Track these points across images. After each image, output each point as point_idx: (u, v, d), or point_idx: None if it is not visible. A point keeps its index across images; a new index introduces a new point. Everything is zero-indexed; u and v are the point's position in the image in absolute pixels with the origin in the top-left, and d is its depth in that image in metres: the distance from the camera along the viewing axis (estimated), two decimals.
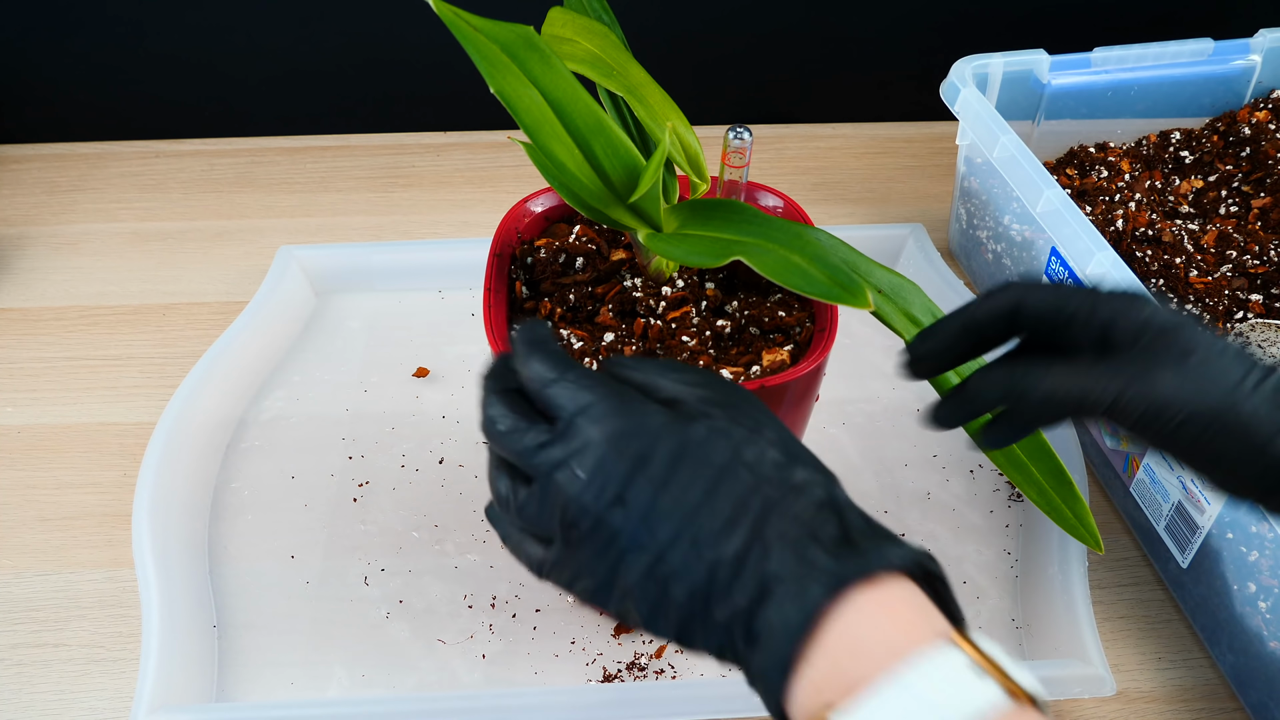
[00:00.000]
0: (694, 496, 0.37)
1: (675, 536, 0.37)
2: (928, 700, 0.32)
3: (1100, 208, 0.87)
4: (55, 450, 0.78)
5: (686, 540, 0.37)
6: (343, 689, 0.65)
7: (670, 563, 0.37)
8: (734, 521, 0.37)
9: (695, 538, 0.37)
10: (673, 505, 0.37)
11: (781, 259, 0.46)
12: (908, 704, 0.32)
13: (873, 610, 0.34)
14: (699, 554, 0.36)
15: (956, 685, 0.32)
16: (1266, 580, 0.60)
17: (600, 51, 0.55)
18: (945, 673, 0.32)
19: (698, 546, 0.36)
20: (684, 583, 0.37)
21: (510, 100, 0.49)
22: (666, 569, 0.37)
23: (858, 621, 0.34)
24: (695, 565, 0.36)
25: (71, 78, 1.03)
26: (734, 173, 0.57)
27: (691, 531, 0.37)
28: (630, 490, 0.37)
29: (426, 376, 0.83)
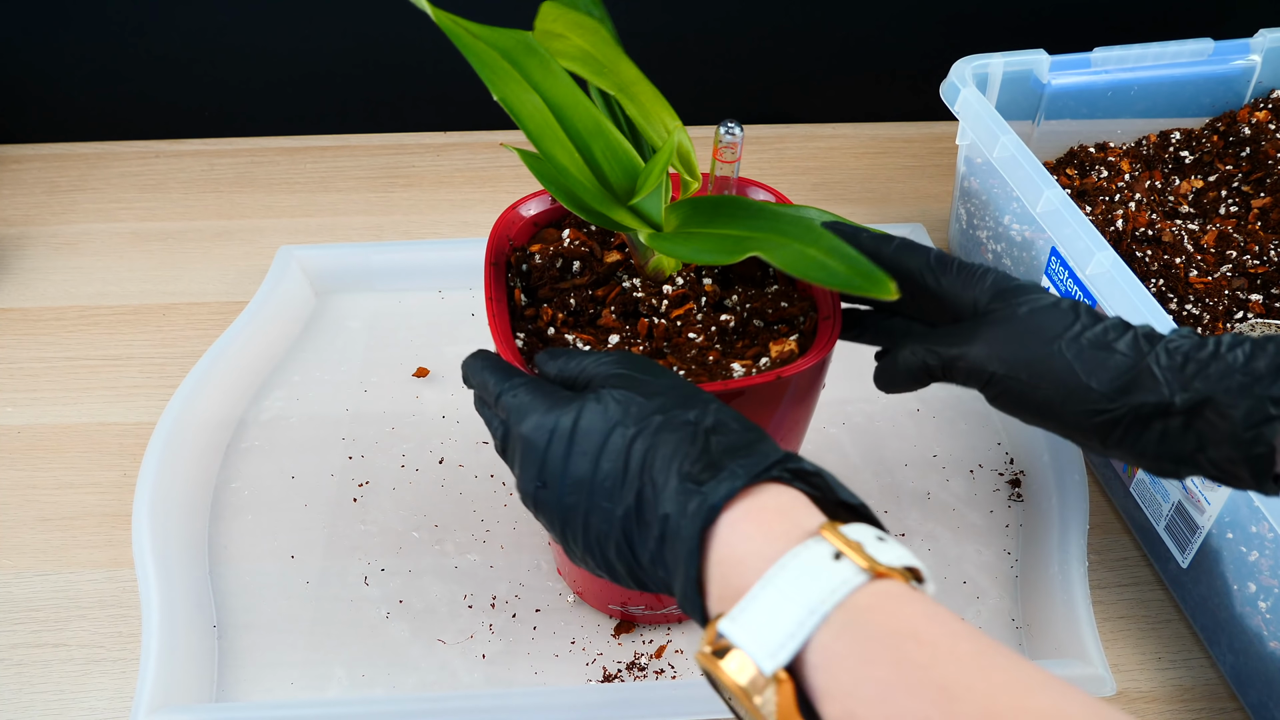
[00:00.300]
0: (587, 464, 0.42)
1: (589, 503, 0.42)
2: (789, 594, 0.35)
3: (1100, 208, 0.87)
4: (55, 450, 0.78)
5: (598, 504, 0.41)
6: (343, 689, 0.65)
7: (594, 527, 0.42)
8: (625, 476, 0.41)
9: (601, 500, 0.41)
10: (577, 475, 0.42)
11: (797, 253, 0.46)
12: (773, 600, 0.35)
13: (743, 525, 0.38)
14: (609, 514, 0.41)
15: (815, 573, 0.35)
16: (1266, 580, 0.60)
17: (591, 48, 0.54)
18: (806, 565, 0.35)
19: (606, 507, 0.41)
20: (610, 541, 0.41)
21: (513, 107, 0.49)
22: (593, 532, 0.42)
23: (730, 539, 0.38)
24: (609, 524, 0.41)
25: (71, 78, 1.03)
26: (725, 168, 0.57)
27: (597, 495, 0.41)
28: (545, 472, 0.43)
29: (426, 376, 0.83)
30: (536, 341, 0.55)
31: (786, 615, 0.34)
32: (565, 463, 0.42)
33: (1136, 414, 0.46)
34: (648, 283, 0.58)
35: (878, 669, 0.32)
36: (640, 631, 0.68)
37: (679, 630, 0.68)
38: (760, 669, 0.34)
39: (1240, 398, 0.43)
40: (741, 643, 0.35)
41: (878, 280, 0.44)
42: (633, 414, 0.42)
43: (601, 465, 0.41)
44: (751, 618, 0.35)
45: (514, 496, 0.75)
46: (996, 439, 0.79)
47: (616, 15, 0.58)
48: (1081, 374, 0.46)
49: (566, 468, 0.42)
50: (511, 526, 0.73)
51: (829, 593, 0.34)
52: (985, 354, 0.48)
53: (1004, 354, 0.48)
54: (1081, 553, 0.68)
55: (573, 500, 0.42)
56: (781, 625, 0.34)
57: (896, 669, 0.32)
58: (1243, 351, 0.45)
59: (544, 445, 0.43)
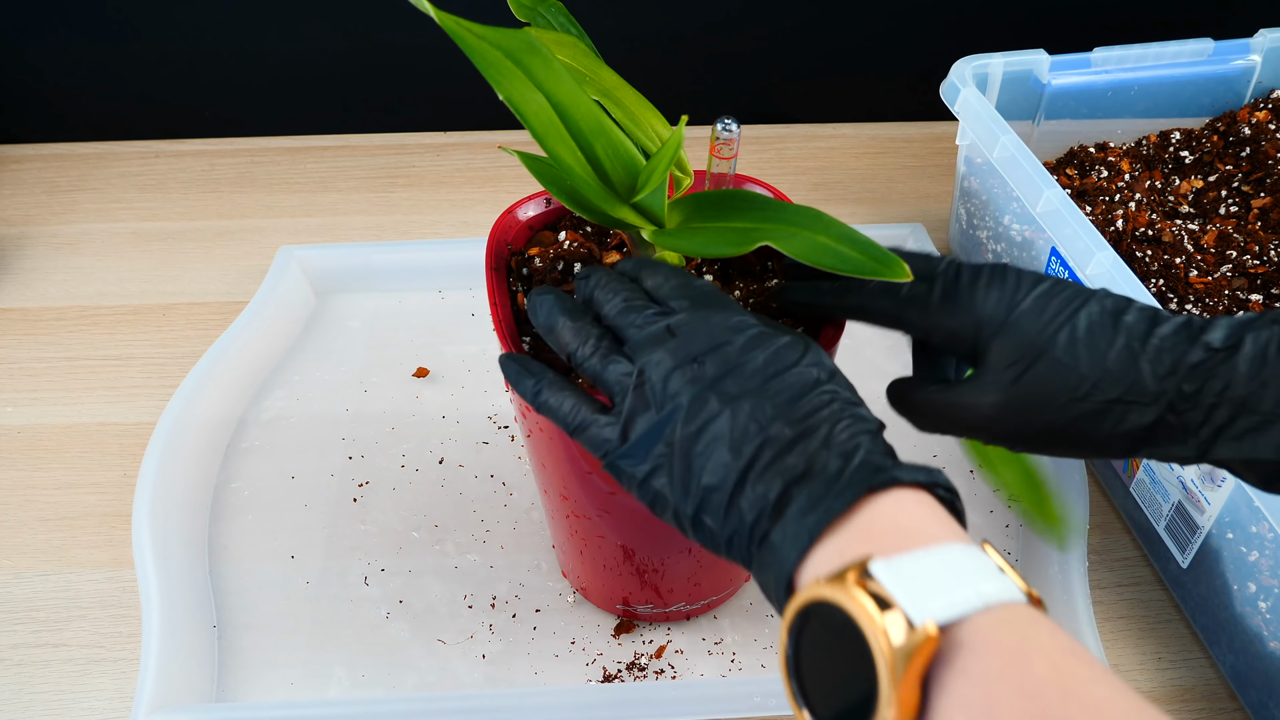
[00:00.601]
0: (775, 366, 0.41)
1: (754, 401, 0.40)
2: (962, 571, 0.33)
3: (1100, 208, 0.87)
4: (55, 450, 0.78)
5: (762, 405, 0.40)
6: (343, 689, 0.65)
7: (739, 423, 0.40)
8: (808, 399, 0.40)
9: (766, 403, 0.40)
10: (757, 370, 0.41)
11: (809, 240, 0.46)
12: (944, 570, 0.33)
13: (910, 505, 0.37)
14: (766, 418, 0.40)
15: (985, 573, 0.34)
16: (1266, 580, 0.60)
17: (573, 61, 0.55)
18: (976, 561, 0.34)
19: (768, 410, 0.40)
20: (748, 442, 0.39)
21: (519, 107, 0.49)
22: (738, 426, 0.40)
23: (895, 510, 0.37)
24: (759, 426, 0.39)
25: (71, 78, 1.03)
26: (722, 164, 0.57)
27: (768, 398, 0.40)
28: (716, 354, 0.42)
29: (426, 376, 0.83)
30: (541, 344, 0.55)
31: (957, 583, 0.33)
32: (749, 354, 0.41)
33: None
34: None
35: (1035, 669, 0.31)
36: (640, 631, 0.68)
37: (679, 630, 0.68)
38: (910, 618, 0.32)
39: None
40: (898, 587, 0.32)
41: (891, 264, 0.44)
42: (826, 365, 0.42)
43: (788, 378, 0.41)
44: (919, 570, 0.33)
45: (514, 497, 0.75)
46: None
47: (617, 15, 0.58)
48: (1099, 429, 0.44)
49: (747, 358, 0.41)
50: (511, 526, 0.73)
51: (1000, 592, 0.33)
52: (1000, 416, 0.45)
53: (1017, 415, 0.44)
54: (1081, 553, 0.68)
55: (733, 389, 0.40)
56: (950, 589, 0.33)
57: (1057, 679, 0.31)
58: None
59: (735, 330, 0.42)
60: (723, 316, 0.43)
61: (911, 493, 0.38)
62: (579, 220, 0.61)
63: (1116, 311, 0.44)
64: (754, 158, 1.06)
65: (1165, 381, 0.42)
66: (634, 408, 0.42)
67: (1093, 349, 0.43)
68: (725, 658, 0.66)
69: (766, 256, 0.60)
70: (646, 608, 0.66)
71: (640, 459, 0.42)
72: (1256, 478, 0.42)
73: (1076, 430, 0.43)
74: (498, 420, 0.80)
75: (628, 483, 0.43)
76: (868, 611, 0.32)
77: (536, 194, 0.61)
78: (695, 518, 0.40)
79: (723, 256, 0.59)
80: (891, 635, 0.31)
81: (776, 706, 0.60)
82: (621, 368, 0.43)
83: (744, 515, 0.39)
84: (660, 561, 0.62)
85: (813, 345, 0.43)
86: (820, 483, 0.38)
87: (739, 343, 0.42)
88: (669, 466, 0.41)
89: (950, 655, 0.32)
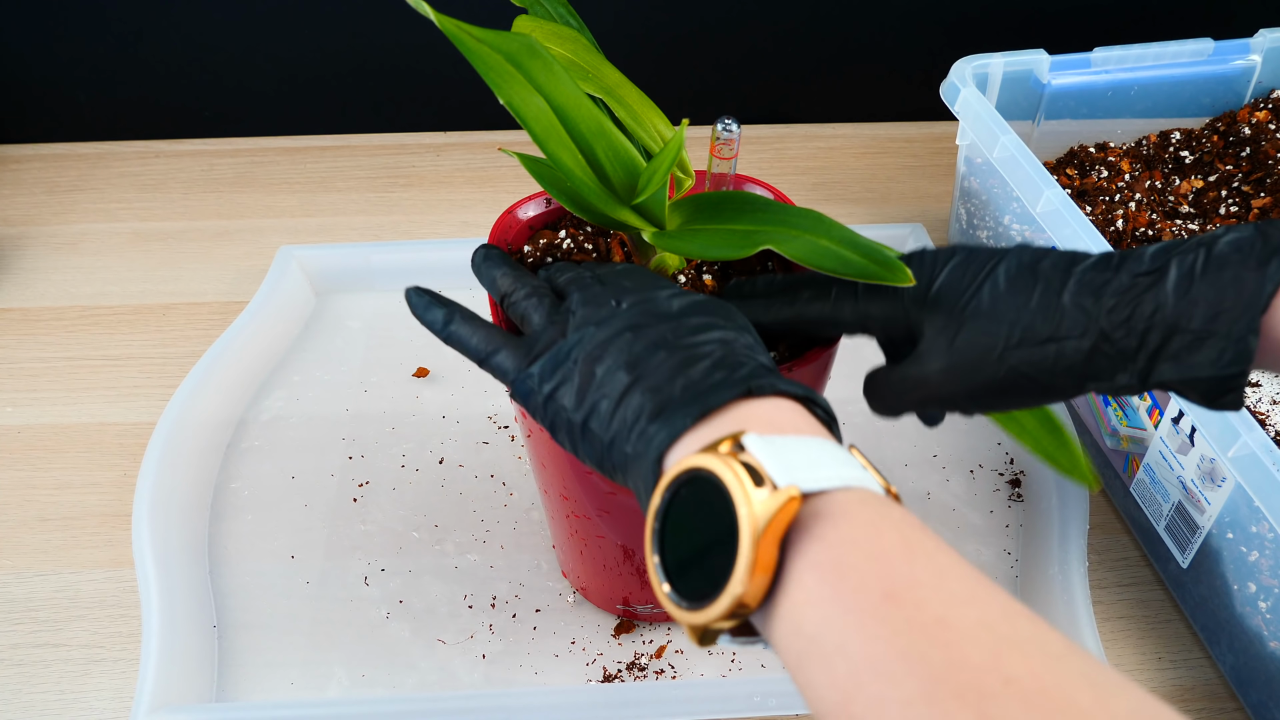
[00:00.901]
0: (669, 302, 0.44)
1: (654, 330, 0.42)
2: (828, 458, 0.35)
3: (1100, 208, 0.87)
4: (55, 450, 0.78)
5: (663, 333, 0.42)
6: (343, 689, 0.65)
7: (637, 348, 0.42)
8: (694, 346, 0.41)
9: (665, 330, 0.42)
10: (657, 306, 0.44)
11: (810, 244, 0.46)
12: (812, 454, 0.35)
13: (787, 410, 0.38)
14: (665, 343, 0.42)
15: (850, 463, 0.36)
16: (1266, 580, 0.60)
17: (573, 55, 0.55)
18: (843, 454, 0.36)
19: (669, 338, 0.42)
20: (650, 359, 0.41)
21: (519, 110, 0.49)
22: (636, 350, 0.42)
23: (772, 411, 0.38)
24: (647, 357, 0.41)
25: (71, 78, 1.03)
26: (722, 165, 0.57)
27: (665, 325, 0.42)
28: (625, 293, 0.45)
29: (426, 376, 0.83)
30: None
31: (822, 464, 0.34)
32: (667, 301, 0.44)
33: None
34: None
35: (885, 536, 0.32)
36: (640, 631, 0.68)
37: (679, 630, 0.68)
38: (776, 484, 0.33)
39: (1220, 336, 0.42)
40: (767, 458, 0.34)
41: (894, 268, 0.44)
42: (741, 324, 0.44)
43: (696, 319, 0.43)
44: (788, 448, 0.35)
45: (514, 497, 0.75)
46: (996, 439, 0.79)
47: (617, 15, 0.58)
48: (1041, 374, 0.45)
49: (663, 304, 0.43)
50: (511, 526, 0.73)
51: (860, 479, 0.35)
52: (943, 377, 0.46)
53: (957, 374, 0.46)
54: (1081, 553, 0.68)
55: (642, 321, 0.43)
56: (816, 467, 0.34)
57: (904, 546, 0.32)
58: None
59: (660, 285, 0.45)
60: (653, 278, 0.46)
61: (789, 403, 0.39)
62: (579, 220, 0.61)
63: (1034, 260, 0.45)
64: (754, 158, 1.06)
65: (1092, 310, 0.43)
66: (550, 332, 0.44)
67: (1015, 297, 0.44)
68: (725, 658, 0.66)
69: (766, 258, 0.60)
70: (646, 608, 0.66)
71: (546, 377, 0.43)
72: (1200, 396, 0.43)
73: (1020, 377, 0.44)
74: (498, 420, 0.80)
75: (532, 404, 0.44)
76: (737, 475, 0.33)
77: (536, 194, 0.61)
78: (584, 425, 0.42)
79: (720, 260, 0.59)
80: (756, 497, 0.33)
81: (776, 706, 0.60)
82: (547, 302, 0.46)
83: (626, 418, 0.40)
84: None
85: (734, 310, 0.45)
86: (703, 386, 0.39)
87: (661, 293, 0.44)
88: (571, 380, 0.42)
89: (808, 523, 0.33)
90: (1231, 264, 0.41)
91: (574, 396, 0.42)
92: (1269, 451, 0.57)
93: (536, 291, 0.47)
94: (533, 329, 0.46)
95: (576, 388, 0.42)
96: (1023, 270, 0.45)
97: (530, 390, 0.44)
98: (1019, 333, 0.44)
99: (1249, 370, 0.41)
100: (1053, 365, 0.44)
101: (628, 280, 0.46)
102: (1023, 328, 0.44)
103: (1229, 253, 0.42)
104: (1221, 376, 0.41)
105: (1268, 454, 0.57)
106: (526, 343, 0.45)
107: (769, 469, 0.34)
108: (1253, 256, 0.41)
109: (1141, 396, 0.68)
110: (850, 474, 0.35)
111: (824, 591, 0.32)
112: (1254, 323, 0.40)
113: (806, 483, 0.33)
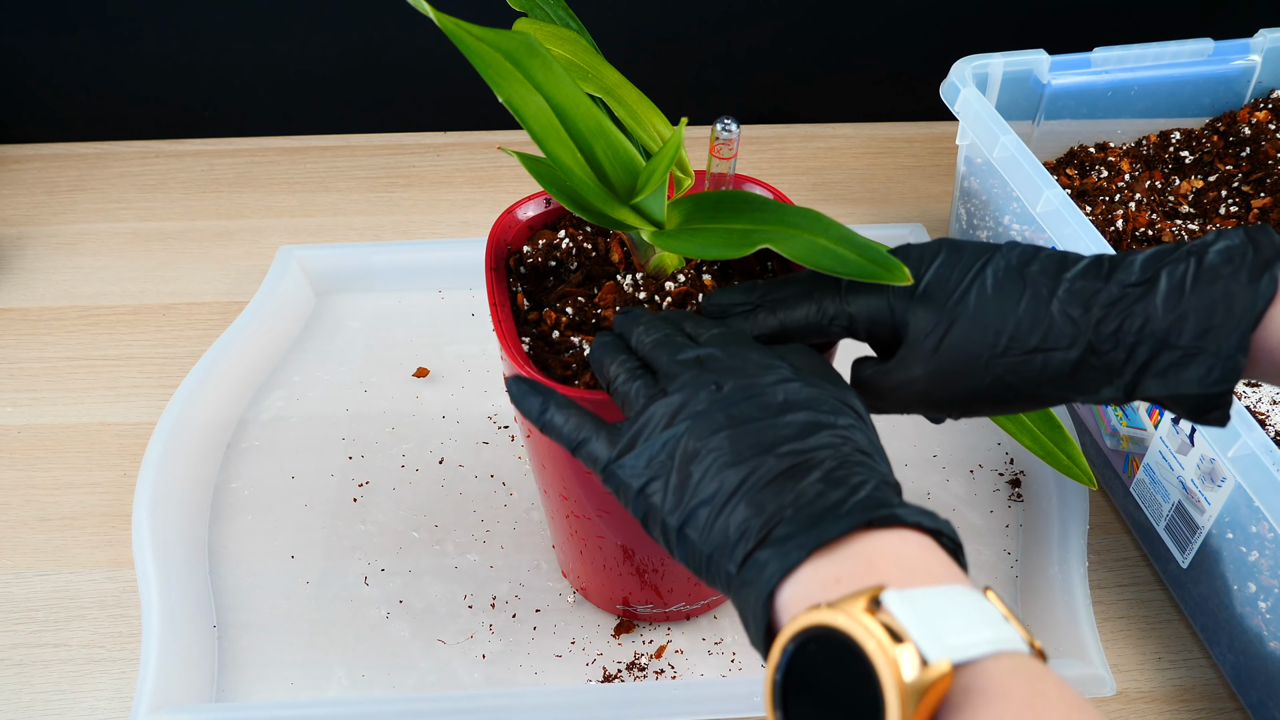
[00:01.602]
0: (780, 398, 0.41)
1: (757, 428, 0.39)
2: (972, 614, 0.32)
3: (1100, 208, 0.87)
4: (55, 450, 0.78)
5: (765, 434, 0.39)
6: (343, 689, 0.65)
7: (740, 448, 0.39)
8: (802, 449, 0.39)
9: (768, 431, 0.39)
10: (766, 400, 0.40)
11: (808, 243, 0.46)
12: (954, 611, 0.32)
13: (913, 544, 0.36)
14: (769, 446, 0.39)
15: (993, 619, 0.33)
16: (1266, 580, 0.60)
17: (573, 56, 0.55)
18: (984, 606, 0.33)
19: (770, 437, 0.39)
20: (744, 466, 0.39)
21: (518, 109, 0.49)
22: (738, 450, 0.39)
23: (898, 546, 0.35)
24: (759, 454, 0.39)
25: (71, 78, 1.03)
26: (722, 164, 0.57)
27: (770, 429, 0.40)
28: (732, 377, 0.41)
29: (426, 376, 0.83)
30: (542, 345, 0.55)
31: (968, 625, 0.32)
32: (771, 387, 0.41)
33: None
34: (650, 280, 0.58)
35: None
36: (640, 631, 0.68)
37: (679, 630, 0.68)
38: (924, 654, 0.31)
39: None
40: (911, 621, 0.31)
41: (892, 267, 0.44)
42: (854, 411, 0.41)
43: (803, 414, 0.40)
44: (931, 606, 0.32)
45: (514, 497, 0.75)
46: (996, 439, 0.79)
47: (617, 15, 0.58)
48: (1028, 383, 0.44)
49: (767, 390, 0.41)
50: (511, 526, 0.73)
51: (1007, 640, 0.32)
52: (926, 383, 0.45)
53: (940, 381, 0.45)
54: (1081, 553, 0.68)
55: (747, 413, 0.40)
56: (962, 630, 0.31)
57: None
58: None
59: (763, 366, 0.42)
60: (757, 355, 0.43)
61: (914, 534, 0.36)
62: (579, 219, 0.61)
63: (1022, 263, 0.44)
64: (754, 158, 1.06)
65: (1081, 321, 0.42)
66: (645, 419, 0.42)
67: (1002, 303, 0.43)
68: (725, 658, 0.66)
69: (766, 258, 0.60)
70: (646, 608, 0.66)
71: (639, 468, 0.41)
72: (1186, 410, 0.42)
73: (1005, 385, 0.44)
74: (498, 420, 0.80)
75: (624, 494, 0.42)
76: (880, 642, 0.31)
77: (536, 194, 0.61)
78: (680, 530, 0.39)
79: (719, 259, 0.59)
80: (904, 668, 0.30)
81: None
82: (646, 384, 0.43)
83: (729, 531, 0.38)
84: (660, 561, 0.62)
85: (846, 393, 0.42)
86: (817, 508, 0.37)
87: (763, 379, 0.41)
88: (666, 477, 0.40)
89: (958, 700, 0.31)
90: (1222, 277, 0.41)
91: (670, 497, 0.40)
92: (1269, 451, 0.57)
93: (634, 374, 0.44)
94: (628, 411, 0.43)
95: (673, 487, 0.40)
96: (1011, 273, 0.44)
97: (621, 483, 0.41)
98: (1005, 341, 0.43)
99: (1233, 388, 0.41)
100: (1038, 375, 0.43)
101: (722, 351, 0.43)
102: (1009, 336, 0.43)
103: (1219, 264, 0.41)
104: (1208, 394, 0.41)
105: (1268, 454, 0.57)
106: (619, 428, 0.43)
107: (915, 635, 0.31)
108: (1244, 269, 0.40)
109: None
110: (998, 635, 0.32)
111: None
112: (1244, 341, 0.40)
113: (957, 652, 0.31)
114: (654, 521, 0.41)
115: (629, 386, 0.44)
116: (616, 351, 0.46)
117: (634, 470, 0.41)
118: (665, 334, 0.45)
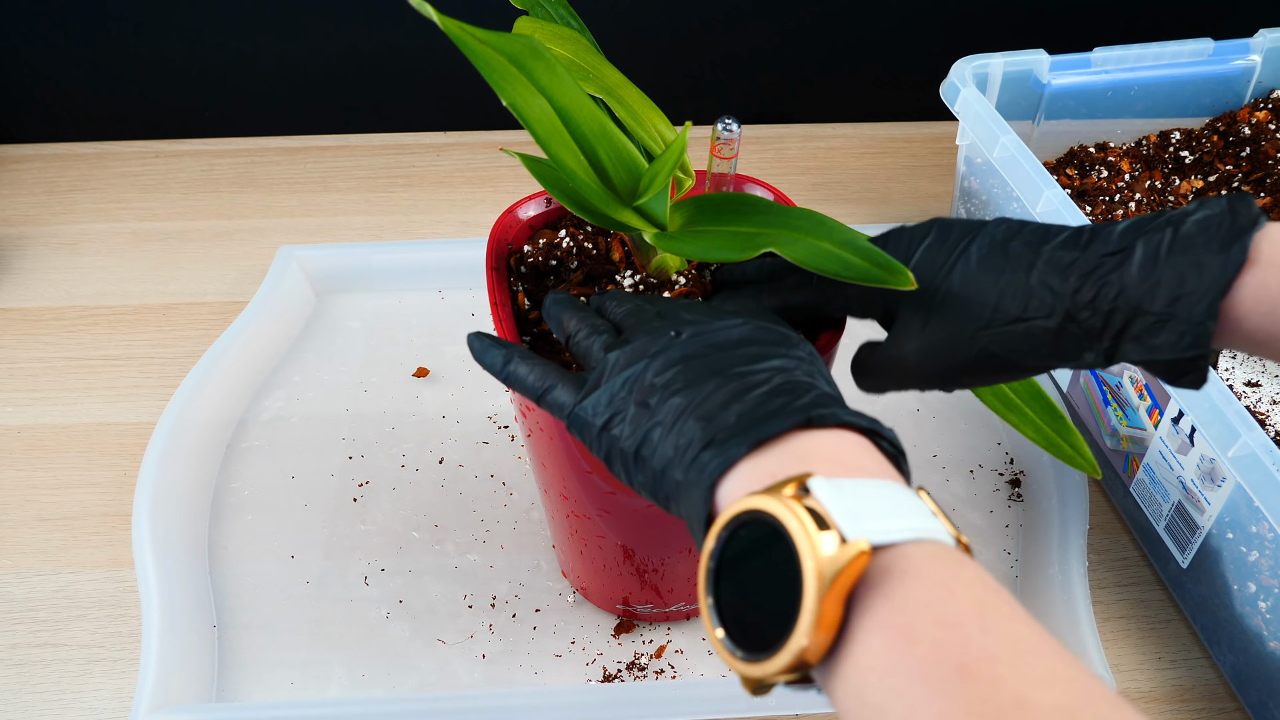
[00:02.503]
0: (734, 334, 0.43)
1: (717, 356, 0.41)
2: (898, 505, 0.34)
3: (1100, 208, 0.87)
4: (55, 450, 0.78)
5: (725, 364, 0.41)
6: (343, 689, 0.65)
7: (680, 381, 0.41)
8: (754, 374, 0.40)
9: (727, 360, 0.41)
10: (718, 338, 0.42)
11: (811, 246, 0.46)
12: (880, 500, 0.34)
13: (851, 444, 0.37)
14: (729, 373, 0.40)
15: (920, 510, 0.34)
16: (1266, 580, 0.60)
17: (574, 56, 0.55)
18: (912, 500, 0.35)
19: (732, 368, 0.41)
20: (685, 395, 0.40)
21: (522, 112, 0.49)
22: (701, 372, 0.41)
23: (835, 445, 0.37)
24: (705, 384, 0.40)
25: (71, 78, 1.03)
26: (723, 164, 0.57)
27: (726, 355, 0.41)
28: (689, 325, 0.43)
29: (426, 376, 0.83)
30: (542, 344, 0.55)
31: (892, 513, 0.33)
32: (728, 331, 0.42)
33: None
34: (651, 280, 0.58)
35: (959, 600, 0.31)
36: (640, 631, 0.68)
37: (679, 630, 0.68)
38: (844, 535, 0.31)
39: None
40: (835, 505, 0.32)
41: (895, 271, 0.44)
42: (806, 356, 0.43)
43: (756, 349, 0.42)
44: (856, 494, 0.33)
45: (514, 497, 0.75)
46: (996, 439, 0.79)
47: (617, 15, 0.58)
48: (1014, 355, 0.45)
49: (724, 334, 0.42)
50: (511, 526, 0.73)
51: (931, 529, 0.33)
52: (920, 355, 0.47)
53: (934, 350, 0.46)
54: (1081, 553, 0.68)
55: (701, 351, 0.42)
56: (885, 516, 0.33)
57: (979, 612, 0.31)
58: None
59: (718, 316, 0.44)
60: (714, 311, 0.45)
61: (854, 435, 0.38)
62: (579, 219, 0.61)
63: (1006, 238, 0.45)
64: (754, 158, 1.06)
65: (1059, 290, 0.43)
66: (607, 362, 0.43)
67: (984, 277, 0.45)
68: None
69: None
70: (646, 608, 0.66)
71: (600, 407, 0.42)
72: (1161, 373, 0.43)
73: (992, 355, 0.45)
74: (498, 420, 0.80)
75: (588, 436, 0.43)
76: (802, 523, 0.32)
77: (537, 194, 0.61)
78: (636, 453, 0.41)
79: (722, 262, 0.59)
80: (823, 548, 0.31)
81: (776, 706, 0.60)
82: (609, 338, 0.45)
83: (679, 444, 0.39)
84: (660, 561, 0.62)
85: (796, 338, 0.44)
86: (760, 413, 0.38)
87: (718, 323, 0.43)
88: (624, 412, 0.41)
89: (876, 579, 0.32)
90: (1195, 246, 0.42)
91: (628, 427, 0.41)
92: (1269, 451, 0.57)
93: (596, 329, 0.46)
94: (590, 361, 0.45)
95: (630, 418, 0.41)
96: (994, 249, 0.45)
97: (585, 423, 0.43)
98: (988, 314, 0.45)
99: (1208, 352, 0.42)
100: (1022, 345, 0.44)
101: (687, 313, 0.45)
102: (992, 309, 0.44)
103: (1195, 233, 0.42)
104: (1181, 359, 0.42)
105: (1268, 454, 0.57)
106: (582, 377, 0.44)
107: (837, 517, 0.32)
108: (1218, 238, 0.41)
109: (1141, 396, 0.68)
110: (921, 524, 0.33)
111: (891, 658, 0.30)
112: (1213, 308, 0.41)
113: (876, 535, 0.32)
114: (615, 455, 0.42)
115: (591, 340, 0.46)
116: (576, 308, 0.49)
117: (596, 409, 0.42)
118: (635, 305, 0.48)
